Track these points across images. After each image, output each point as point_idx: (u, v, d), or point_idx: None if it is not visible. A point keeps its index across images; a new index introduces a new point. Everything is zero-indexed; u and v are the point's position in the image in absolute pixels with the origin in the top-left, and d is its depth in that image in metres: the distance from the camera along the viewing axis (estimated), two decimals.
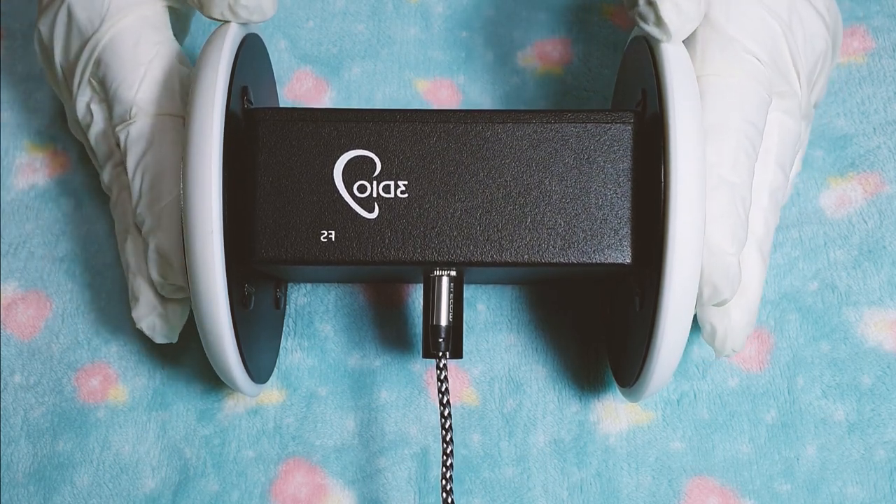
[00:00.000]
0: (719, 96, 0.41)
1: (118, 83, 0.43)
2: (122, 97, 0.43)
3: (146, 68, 0.43)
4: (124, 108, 0.43)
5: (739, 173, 0.40)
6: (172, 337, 0.45)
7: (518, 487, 0.46)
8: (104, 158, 0.45)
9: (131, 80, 0.43)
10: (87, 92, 0.45)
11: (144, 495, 0.46)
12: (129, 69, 0.43)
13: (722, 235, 0.40)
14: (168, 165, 0.42)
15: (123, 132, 0.43)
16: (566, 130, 0.41)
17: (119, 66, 0.44)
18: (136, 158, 0.43)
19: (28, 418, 0.47)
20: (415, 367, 0.48)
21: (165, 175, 0.42)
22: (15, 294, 0.49)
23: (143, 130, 0.43)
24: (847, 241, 0.49)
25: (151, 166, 0.42)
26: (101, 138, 0.45)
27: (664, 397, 0.47)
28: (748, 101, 0.41)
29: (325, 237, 0.41)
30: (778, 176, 0.43)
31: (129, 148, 0.43)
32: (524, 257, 0.40)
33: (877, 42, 0.53)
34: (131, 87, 0.43)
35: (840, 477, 0.45)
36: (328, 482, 0.46)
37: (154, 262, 0.42)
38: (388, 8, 0.55)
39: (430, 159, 0.41)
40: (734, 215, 0.40)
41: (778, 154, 0.43)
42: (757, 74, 0.41)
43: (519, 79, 0.53)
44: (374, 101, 0.53)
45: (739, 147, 0.40)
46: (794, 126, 0.44)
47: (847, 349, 0.47)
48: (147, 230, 0.42)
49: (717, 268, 0.40)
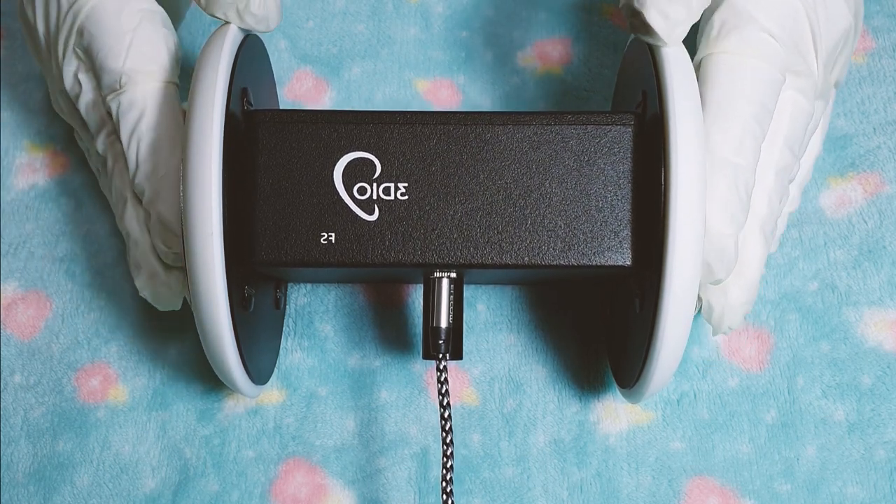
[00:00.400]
0: (729, 74, 0.40)
1: (104, 53, 0.43)
2: (110, 67, 0.43)
3: (132, 36, 0.43)
4: (113, 77, 0.43)
5: (744, 155, 0.40)
6: (176, 304, 0.44)
7: (518, 487, 0.46)
8: (97, 128, 0.45)
9: (118, 50, 0.43)
10: (73, 61, 0.44)
11: (144, 495, 0.46)
12: (114, 38, 0.43)
13: (720, 217, 0.39)
14: (163, 133, 0.42)
15: (114, 102, 0.43)
16: (566, 132, 0.41)
17: (104, 35, 0.43)
18: (130, 128, 0.42)
19: (28, 418, 0.47)
20: (415, 367, 0.48)
21: (161, 143, 0.42)
22: (15, 294, 0.49)
23: (134, 99, 0.42)
24: (847, 241, 0.49)
25: (146, 135, 0.42)
26: (92, 107, 0.44)
27: (664, 397, 0.47)
28: (758, 81, 0.40)
29: (325, 239, 0.41)
30: (785, 155, 0.42)
31: (121, 117, 0.42)
32: (524, 259, 0.40)
33: (877, 42, 0.53)
34: (118, 57, 0.42)
35: (840, 477, 0.45)
36: (328, 482, 0.46)
37: (157, 231, 0.42)
38: (388, 8, 0.55)
39: (430, 161, 0.41)
40: (734, 197, 0.40)
41: (788, 134, 0.42)
42: (771, 54, 0.41)
43: (519, 79, 0.53)
44: (374, 101, 0.53)
45: (746, 128, 0.40)
46: (808, 106, 0.43)
47: (847, 349, 0.47)
48: (147, 200, 0.42)
49: (712, 248, 0.39)
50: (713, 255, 0.39)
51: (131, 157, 0.42)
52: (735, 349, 0.48)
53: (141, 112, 0.42)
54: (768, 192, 0.42)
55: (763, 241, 0.42)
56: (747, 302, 0.42)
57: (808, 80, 0.43)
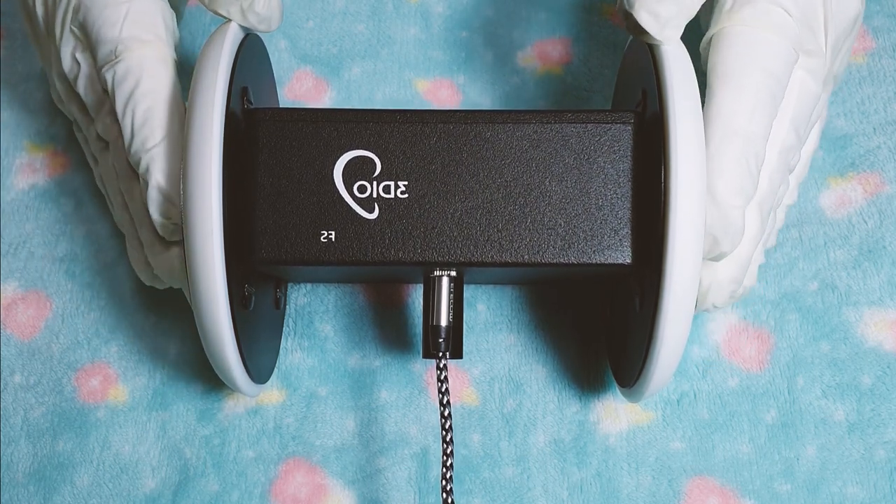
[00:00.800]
0: (743, 46, 0.40)
1: (100, 24, 0.43)
2: (105, 37, 0.42)
3: (128, 6, 0.43)
4: (108, 48, 0.42)
5: (756, 126, 0.39)
6: (176, 280, 0.43)
7: (518, 487, 0.46)
8: (96, 107, 0.44)
9: (114, 19, 0.42)
10: (71, 41, 0.44)
11: (144, 495, 0.46)
12: (110, 9, 0.43)
13: (728, 187, 0.39)
14: (159, 100, 0.42)
15: (110, 72, 0.42)
16: (566, 131, 0.41)
17: (100, 7, 0.43)
18: (126, 96, 0.42)
19: (28, 418, 0.47)
20: (415, 367, 0.48)
21: (157, 110, 0.41)
22: (15, 294, 0.49)
23: (129, 67, 0.42)
24: (847, 241, 0.49)
25: (141, 102, 0.41)
26: (89, 86, 0.44)
27: (664, 397, 0.47)
28: (773, 55, 0.40)
29: (325, 237, 0.41)
30: (790, 136, 0.42)
31: (116, 87, 0.42)
32: (524, 258, 0.40)
33: (877, 42, 0.53)
34: (114, 26, 0.42)
35: (840, 477, 0.45)
36: (328, 482, 0.46)
37: (155, 201, 0.41)
38: (388, 8, 0.55)
39: (431, 159, 0.41)
40: (744, 168, 0.39)
41: (795, 114, 0.42)
42: (786, 29, 0.40)
43: (519, 79, 0.53)
44: (374, 101, 0.53)
45: (758, 99, 0.39)
46: (816, 88, 0.42)
47: (847, 349, 0.47)
48: (144, 169, 0.41)
49: (718, 219, 0.39)
50: (719, 226, 0.39)
51: (126, 126, 0.41)
52: (735, 349, 0.48)
53: (136, 80, 0.42)
54: (770, 170, 0.41)
55: (760, 218, 0.41)
56: (735, 280, 0.41)
57: (818, 60, 0.42)
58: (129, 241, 0.45)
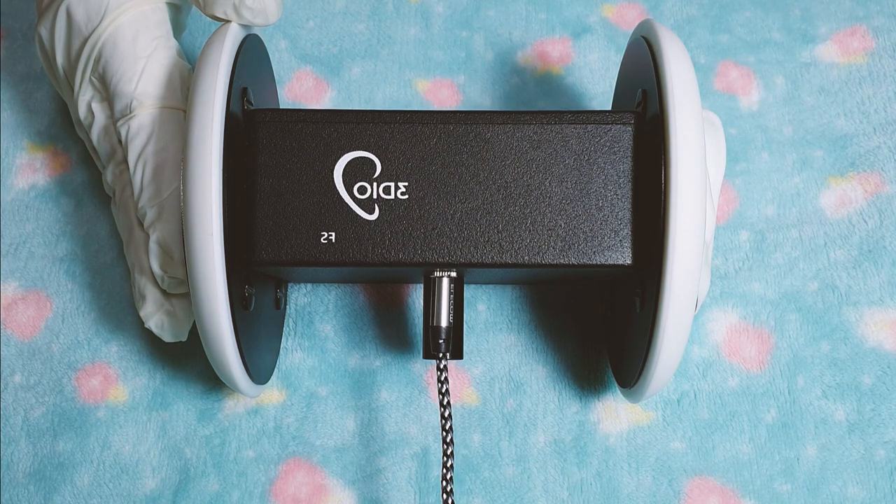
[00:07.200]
0: None
1: (118, 78, 0.44)
2: (122, 91, 0.43)
3: (146, 62, 0.44)
4: (124, 102, 0.43)
5: None
6: (182, 335, 0.45)
7: (518, 487, 0.46)
8: (107, 157, 0.45)
9: (131, 74, 0.43)
10: (89, 91, 0.45)
11: (144, 495, 0.46)
12: (128, 63, 0.44)
13: None
14: (169, 157, 0.43)
15: (124, 127, 0.44)
16: (566, 131, 0.41)
17: (119, 60, 0.44)
18: (137, 151, 0.43)
19: (28, 418, 0.47)
20: (415, 367, 0.48)
21: (166, 167, 0.42)
22: (15, 294, 0.49)
23: (143, 123, 0.43)
24: (847, 241, 0.49)
25: (152, 158, 0.43)
26: (104, 136, 0.45)
27: (664, 397, 0.47)
28: None
29: (325, 238, 0.41)
30: None
31: (129, 141, 0.43)
32: (524, 258, 0.40)
33: (877, 42, 0.53)
34: (131, 81, 0.43)
35: (840, 477, 0.45)
36: (328, 482, 0.46)
37: (155, 254, 0.42)
38: (388, 8, 0.55)
39: (431, 160, 0.41)
40: None
41: None
42: None
43: (519, 79, 0.53)
44: (374, 101, 0.53)
45: None
46: None
47: (847, 349, 0.47)
48: (148, 223, 0.43)
49: None
50: None
51: (136, 181, 0.43)
52: (735, 349, 0.48)
53: (149, 136, 0.43)
54: None
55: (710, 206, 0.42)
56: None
57: None
58: None
